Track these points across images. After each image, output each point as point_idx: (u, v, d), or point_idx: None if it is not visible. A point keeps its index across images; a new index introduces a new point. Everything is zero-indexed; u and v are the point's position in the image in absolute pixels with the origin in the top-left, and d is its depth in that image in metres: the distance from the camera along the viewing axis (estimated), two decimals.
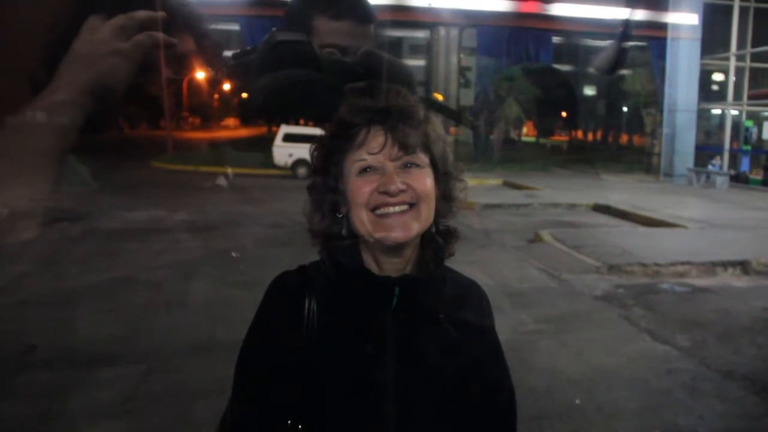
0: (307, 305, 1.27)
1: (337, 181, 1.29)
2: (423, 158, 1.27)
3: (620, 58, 2.04)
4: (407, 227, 1.24)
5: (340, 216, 1.30)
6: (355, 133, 1.26)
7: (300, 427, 1.23)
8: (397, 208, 1.24)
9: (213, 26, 1.44)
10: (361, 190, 1.24)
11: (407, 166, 1.25)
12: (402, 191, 1.23)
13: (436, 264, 1.32)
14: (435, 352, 1.29)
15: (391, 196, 1.23)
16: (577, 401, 5.04)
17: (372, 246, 1.28)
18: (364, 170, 1.25)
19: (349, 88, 1.36)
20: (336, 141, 1.29)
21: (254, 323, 1.33)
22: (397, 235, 1.23)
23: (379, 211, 1.24)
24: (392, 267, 1.30)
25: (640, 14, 23.09)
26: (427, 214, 1.27)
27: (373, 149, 1.24)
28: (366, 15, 1.74)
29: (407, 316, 1.28)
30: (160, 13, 1.07)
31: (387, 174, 1.23)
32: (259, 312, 1.34)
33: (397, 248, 1.27)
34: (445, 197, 1.34)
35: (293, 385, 1.23)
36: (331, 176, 1.30)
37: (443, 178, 1.33)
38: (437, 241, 1.33)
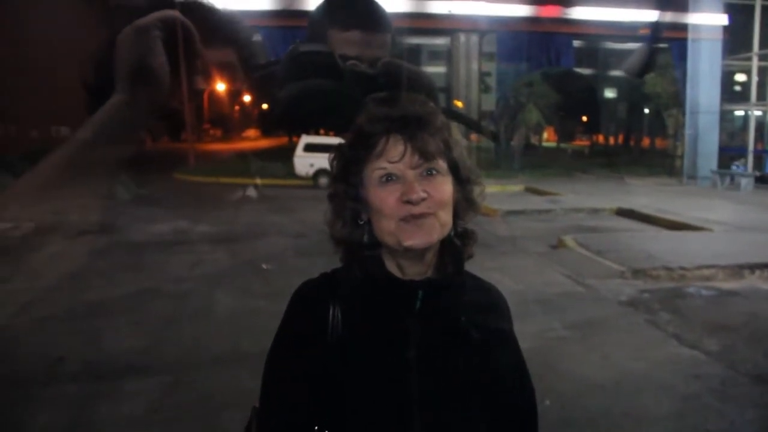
0: (331, 313, 1.29)
1: (357, 189, 1.30)
2: (442, 164, 1.28)
3: (650, 60, 2.01)
4: (428, 234, 1.26)
5: (362, 223, 1.31)
6: (375, 142, 1.27)
7: None
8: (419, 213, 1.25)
9: (249, 36, 1.50)
10: (386, 201, 1.25)
11: (427, 173, 1.26)
12: (423, 199, 1.24)
13: (456, 266, 1.34)
14: (458, 355, 1.30)
15: (413, 204, 1.23)
16: (605, 407, 5.00)
17: (395, 253, 1.30)
18: (385, 179, 1.26)
19: (370, 98, 1.37)
20: (355, 150, 1.30)
21: (279, 332, 1.35)
22: (419, 241, 1.25)
23: (403, 219, 1.25)
24: (415, 271, 1.31)
25: (663, 17, 22.96)
26: (446, 219, 1.28)
27: (394, 158, 1.25)
28: (376, 24, 1.74)
29: (430, 320, 1.30)
30: (172, 12, 1.18)
31: (408, 182, 1.25)
32: (284, 321, 1.36)
33: (420, 254, 1.29)
34: (464, 201, 1.35)
35: (319, 391, 1.25)
36: (352, 184, 1.31)
37: (462, 182, 1.34)
38: (456, 244, 1.34)
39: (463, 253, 1.35)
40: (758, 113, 25.14)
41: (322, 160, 21.79)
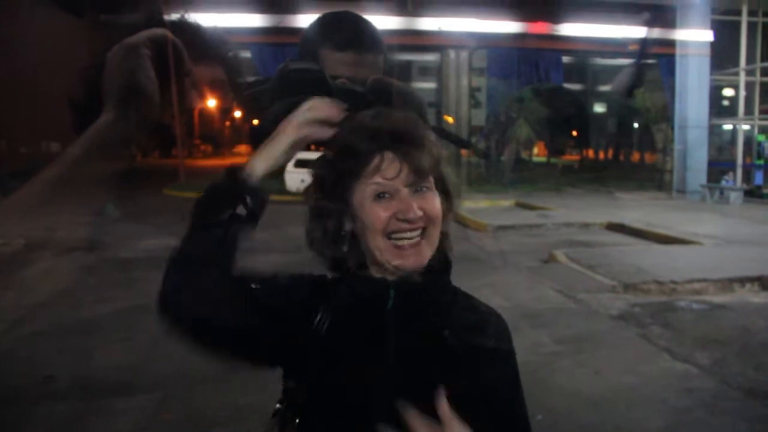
0: (321, 311, 1.33)
1: (345, 204, 1.32)
2: (431, 180, 1.30)
3: (638, 78, 2.02)
4: (421, 255, 1.28)
5: (343, 234, 1.34)
6: (368, 160, 1.27)
7: (297, 421, 1.31)
8: (414, 234, 1.27)
9: (236, 54, 1.52)
10: (379, 216, 1.26)
11: (419, 189, 1.28)
12: (419, 218, 1.26)
13: (439, 269, 1.34)
14: (435, 365, 1.30)
15: (409, 223, 1.25)
16: (597, 421, 4.99)
17: (381, 266, 1.31)
18: (379, 195, 1.27)
19: (360, 115, 1.38)
20: (346, 165, 1.30)
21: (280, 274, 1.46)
22: (413, 263, 1.27)
23: (395, 236, 1.27)
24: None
25: (651, 34, 23.12)
26: (436, 235, 1.30)
27: (389, 175, 1.26)
28: (370, 45, 1.76)
29: (406, 321, 1.30)
30: (162, 30, 1.19)
31: (404, 200, 1.26)
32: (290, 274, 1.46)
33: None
34: (448, 213, 1.36)
35: (292, 348, 1.31)
36: (340, 199, 1.32)
37: (448, 196, 1.35)
38: (440, 250, 1.35)
39: (446, 257, 1.36)
40: (746, 127, 25.28)
41: None
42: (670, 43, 24.25)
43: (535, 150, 49.78)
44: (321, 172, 1.38)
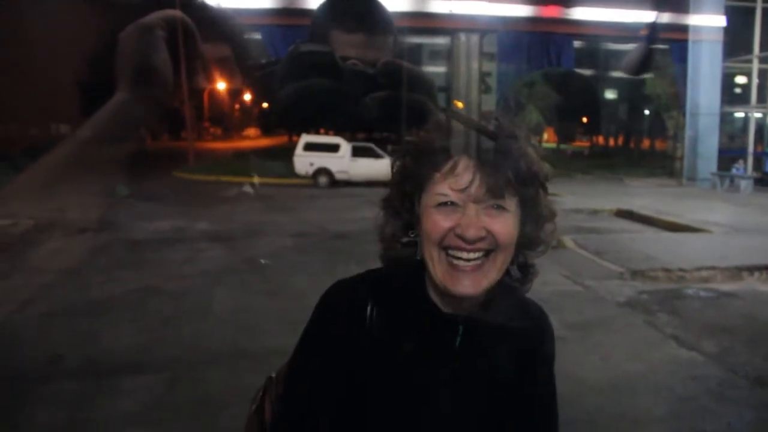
0: (369, 312, 1.19)
1: (413, 203, 1.21)
2: (510, 201, 1.15)
3: (647, 59, 1.99)
4: (476, 284, 1.16)
5: (413, 235, 1.22)
6: (442, 161, 1.15)
7: None
8: (472, 255, 1.14)
9: (247, 35, 1.50)
10: (437, 225, 1.14)
11: (492, 207, 1.14)
12: (481, 239, 1.13)
13: (507, 306, 1.25)
14: (488, 389, 1.24)
15: (467, 242, 1.13)
16: (603, 408, 5.00)
17: (437, 285, 1.19)
18: (444, 204, 1.14)
19: (371, 97, 1.35)
20: (418, 162, 1.19)
21: (309, 332, 1.25)
22: (464, 290, 1.15)
23: (451, 252, 1.15)
24: (457, 305, 1.21)
25: (661, 17, 22.94)
26: (503, 263, 1.18)
27: (458, 186, 1.13)
28: (380, 27, 1.74)
29: (468, 354, 1.22)
30: (174, 11, 1.19)
31: (468, 216, 1.12)
32: (314, 320, 1.24)
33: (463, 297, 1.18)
34: (529, 240, 1.23)
35: (343, 397, 1.19)
36: (407, 197, 1.21)
37: (533, 220, 1.22)
38: (510, 280, 1.25)
39: (519, 292, 1.28)
40: (758, 115, 25.16)
41: (322, 159, 21.82)
42: (683, 29, 24.07)
43: (545, 136, 49.53)
44: (397, 162, 1.25)
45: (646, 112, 41.69)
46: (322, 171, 21.86)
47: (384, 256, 1.28)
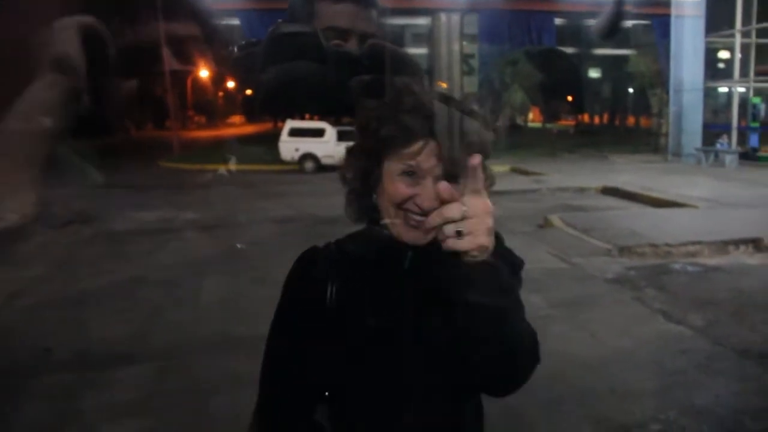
0: (330, 284, 1.32)
1: (378, 163, 1.30)
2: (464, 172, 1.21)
3: (618, 19, 1.99)
4: (427, 236, 1.25)
5: (374, 179, 1.31)
6: (410, 141, 1.25)
7: (327, 394, 1.31)
8: (426, 217, 1.20)
9: (217, 19, 1.48)
10: (398, 191, 1.25)
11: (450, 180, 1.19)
12: (435, 208, 1.17)
13: None
14: (443, 311, 1.26)
15: (423, 211, 1.22)
16: (593, 384, 5.04)
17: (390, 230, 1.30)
18: (407, 173, 1.25)
19: (356, 81, 1.35)
20: (388, 133, 1.27)
21: (282, 297, 1.40)
22: (415, 240, 1.27)
23: (408, 213, 1.26)
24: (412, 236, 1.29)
25: None
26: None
27: (423, 164, 1.24)
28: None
29: (421, 282, 1.29)
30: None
31: (426, 188, 1.24)
32: (286, 286, 1.40)
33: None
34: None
35: (319, 356, 1.30)
36: (374, 156, 1.30)
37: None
38: None
39: None
40: (742, 90, 25.21)
41: (308, 145, 21.74)
42: (665, 3, 24.06)
43: (530, 115, 49.55)
44: (368, 121, 1.32)
45: (630, 90, 41.74)
46: (308, 156, 21.77)
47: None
